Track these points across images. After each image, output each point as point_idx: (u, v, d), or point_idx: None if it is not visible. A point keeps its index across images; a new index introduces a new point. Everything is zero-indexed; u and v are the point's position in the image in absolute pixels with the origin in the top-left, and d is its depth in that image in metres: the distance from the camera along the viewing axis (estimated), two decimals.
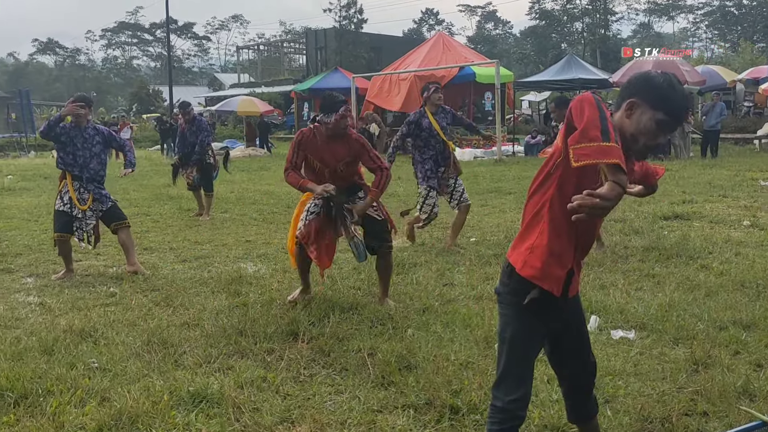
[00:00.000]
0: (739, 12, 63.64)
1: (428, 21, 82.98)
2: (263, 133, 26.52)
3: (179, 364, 3.97)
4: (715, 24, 69.49)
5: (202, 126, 9.95)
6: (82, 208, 6.39)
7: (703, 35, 76.19)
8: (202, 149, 9.86)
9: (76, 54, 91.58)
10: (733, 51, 52.93)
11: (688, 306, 4.84)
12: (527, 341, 2.43)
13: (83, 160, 6.37)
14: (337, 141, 4.93)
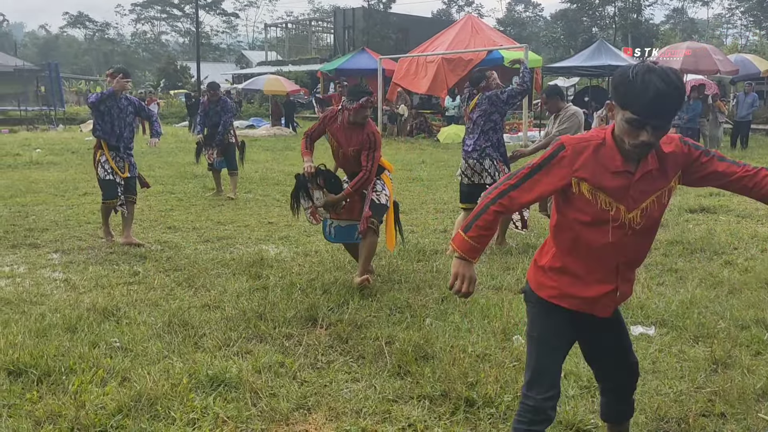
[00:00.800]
0: None
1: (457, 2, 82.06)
2: (289, 113, 26.54)
3: (199, 347, 4.02)
4: (751, 10, 67.73)
5: (227, 107, 10.00)
6: (123, 176, 6.82)
7: (738, 22, 74.40)
8: (225, 130, 9.92)
9: (106, 28, 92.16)
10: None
11: (710, 303, 4.79)
12: (554, 340, 2.43)
13: (120, 130, 6.76)
14: (356, 128, 5.17)
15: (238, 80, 46.31)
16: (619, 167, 2.21)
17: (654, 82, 2.03)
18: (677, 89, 2.05)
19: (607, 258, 2.31)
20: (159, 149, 17.92)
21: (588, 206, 2.25)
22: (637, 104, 2.06)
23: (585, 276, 2.34)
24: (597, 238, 2.28)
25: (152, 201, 9.45)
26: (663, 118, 2.08)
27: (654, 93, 2.02)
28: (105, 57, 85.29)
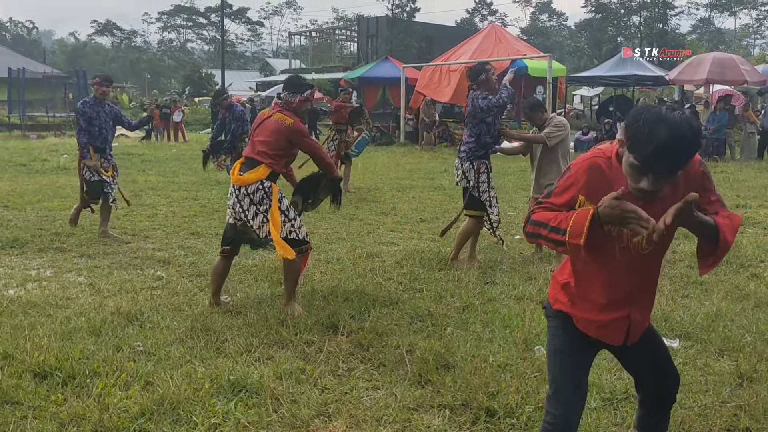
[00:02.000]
0: None
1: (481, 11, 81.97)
2: (312, 120, 26.66)
3: (221, 352, 4.05)
4: None
5: (236, 115, 10.13)
6: (107, 174, 7.44)
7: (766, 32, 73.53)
8: (233, 138, 10.04)
9: (133, 36, 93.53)
10: None
11: (736, 316, 4.72)
12: (576, 353, 2.41)
13: (105, 133, 7.37)
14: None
15: (262, 88, 46.65)
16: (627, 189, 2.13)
17: (661, 134, 1.92)
18: (686, 141, 1.94)
19: (618, 281, 2.29)
20: (183, 154, 18.13)
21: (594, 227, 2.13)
22: (640, 153, 1.98)
23: (597, 298, 2.33)
24: (605, 260, 2.26)
25: (176, 207, 9.54)
26: (665, 170, 2.00)
27: (658, 145, 1.93)
28: (131, 65, 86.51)
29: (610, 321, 2.33)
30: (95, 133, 7.28)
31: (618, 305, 2.32)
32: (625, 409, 3.35)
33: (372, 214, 9.17)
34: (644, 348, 2.49)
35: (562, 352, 2.41)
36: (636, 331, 2.38)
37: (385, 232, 7.81)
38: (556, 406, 2.35)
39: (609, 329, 2.35)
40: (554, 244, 2.17)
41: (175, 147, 21.95)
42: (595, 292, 2.33)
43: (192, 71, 55.70)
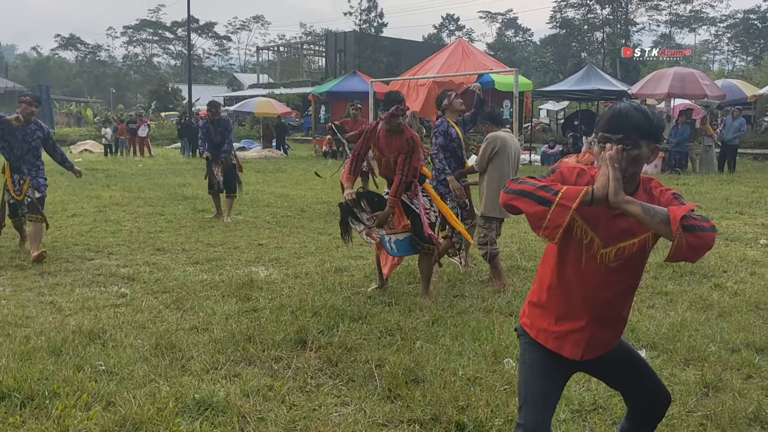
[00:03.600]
0: (763, 25, 62.95)
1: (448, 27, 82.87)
2: (280, 135, 26.61)
3: (186, 370, 3.97)
4: (738, 37, 68.84)
5: (229, 127, 10.05)
6: (17, 198, 7.16)
7: (725, 48, 75.53)
8: (231, 147, 9.95)
9: (97, 50, 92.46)
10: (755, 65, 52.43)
11: (701, 326, 4.78)
12: (545, 368, 2.40)
13: (21, 152, 7.05)
14: (395, 135, 5.43)
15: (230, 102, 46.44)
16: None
17: (620, 105, 2.24)
18: (639, 110, 2.21)
19: (579, 292, 2.30)
20: (149, 170, 17.91)
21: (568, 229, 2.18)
22: (603, 121, 2.25)
23: (555, 310, 2.35)
24: (569, 269, 2.29)
25: (141, 223, 9.39)
26: (624, 133, 2.18)
27: (617, 110, 2.23)
28: (96, 79, 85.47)
29: (566, 332, 2.34)
30: (7, 151, 7.07)
31: (575, 317, 2.32)
32: (593, 421, 3.36)
33: None
34: (623, 366, 2.49)
35: (532, 366, 2.41)
36: (596, 347, 2.36)
37: (354, 246, 7.75)
38: (525, 419, 2.34)
39: (565, 341, 2.35)
40: (536, 203, 2.12)
41: (141, 162, 21.67)
42: (556, 300, 2.35)
43: (159, 86, 55.20)
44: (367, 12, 44.72)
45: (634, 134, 2.18)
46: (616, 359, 2.46)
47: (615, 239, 2.22)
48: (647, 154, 2.21)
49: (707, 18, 68.08)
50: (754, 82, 31.46)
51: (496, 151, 5.92)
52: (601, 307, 2.32)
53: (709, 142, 17.24)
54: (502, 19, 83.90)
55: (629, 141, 2.18)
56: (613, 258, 2.22)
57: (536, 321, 2.40)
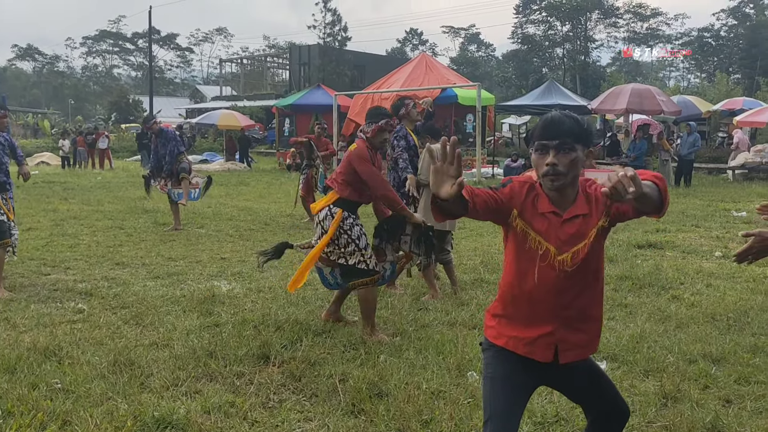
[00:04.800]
0: (717, 43, 64.87)
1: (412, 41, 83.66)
2: (243, 148, 26.43)
3: (145, 387, 3.89)
4: (693, 54, 70.82)
5: (169, 136, 9.91)
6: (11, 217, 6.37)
7: (680, 65, 77.59)
8: (173, 158, 9.80)
9: (55, 61, 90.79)
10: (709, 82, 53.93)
11: (659, 338, 4.87)
12: (510, 380, 2.39)
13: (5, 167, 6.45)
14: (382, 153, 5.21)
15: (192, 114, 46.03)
16: (546, 209, 2.29)
17: (551, 114, 2.33)
18: (570, 117, 2.31)
19: (543, 298, 2.32)
20: (109, 182, 17.60)
21: (522, 243, 2.30)
22: (537, 130, 2.32)
23: (522, 318, 2.36)
24: (530, 279, 2.31)
25: (100, 237, 9.21)
26: (560, 139, 2.25)
27: (549, 118, 2.31)
28: (54, 90, 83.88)
29: (536, 338, 2.35)
30: None
31: (543, 322, 2.34)
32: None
33: (304, 240, 9.06)
34: (586, 380, 2.50)
35: (495, 379, 2.41)
36: (568, 351, 2.37)
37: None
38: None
39: (535, 346, 2.36)
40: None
41: (100, 174, 21.29)
42: (521, 309, 2.36)
43: (119, 97, 54.42)
44: (332, 25, 44.82)
45: (569, 139, 2.26)
46: (579, 373, 2.48)
47: (568, 244, 2.28)
48: (582, 158, 2.31)
49: (663, 36, 69.86)
50: (708, 98, 32.38)
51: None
52: (567, 310, 2.34)
53: (666, 157, 17.64)
54: (464, 34, 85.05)
55: (566, 146, 2.26)
56: (570, 263, 2.27)
57: (504, 330, 2.40)
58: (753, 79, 49.82)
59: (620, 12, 64.83)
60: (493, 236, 9.39)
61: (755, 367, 4.28)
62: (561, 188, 2.28)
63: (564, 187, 2.28)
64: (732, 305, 5.73)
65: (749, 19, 62.09)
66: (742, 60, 59.53)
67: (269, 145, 36.33)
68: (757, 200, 13.81)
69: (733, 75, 56.38)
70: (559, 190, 2.28)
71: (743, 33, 59.72)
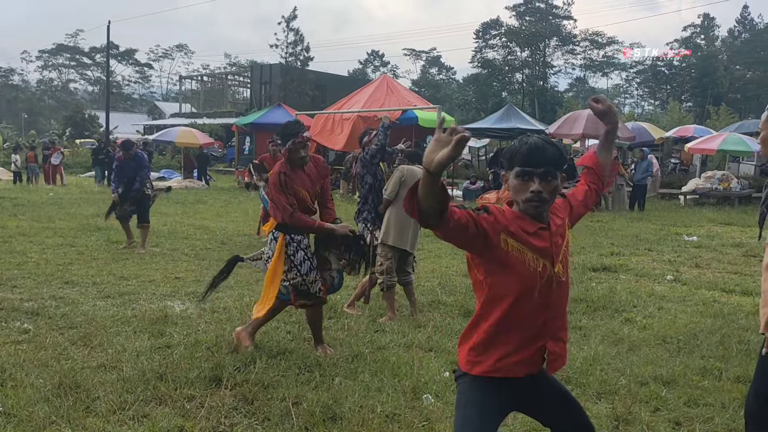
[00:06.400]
0: (669, 72, 66.91)
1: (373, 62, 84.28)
2: (202, 165, 26.12)
3: (91, 411, 3.76)
4: (646, 82, 72.87)
5: (143, 162, 9.71)
6: None
7: (634, 92, 79.74)
8: (141, 185, 9.61)
9: (10, 74, 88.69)
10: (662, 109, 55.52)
11: (612, 360, 4.92)
12: (482, 410, 2.37)
13: None
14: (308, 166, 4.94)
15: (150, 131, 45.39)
16: (535, 227, 2.31)
17: (530, 140, 2.34)
18: (552, 144, 2.35)
19: (535, 317, 2.33)
20: (61, 199, 17.19)
21: (517, 265, 2.27)
22: (520, 157, 2.31)
23: (516, 341, 2.34)
24: (527, 299, 2.30)
25: (49, 254, 8.96)
26: (542, 163, 2.28)
27: (530, 145, 2.31)
28: (8, 103, 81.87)
29: (531, 356, 2.36)
30: None
31: (537, 339, 2.35)
32: None
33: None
34: (557, 400, 2.51)
35: (466, 408, 2.38)
36: (554, 361, 2.39)
37: None
38: None
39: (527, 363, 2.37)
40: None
41: (52, 191, 20.78)
42: (510, 336, 2.33)
43: (74, 112, 53.40)
44: (294, 45, 44.90)
45: (552, 168, 2.30)
46: (550, 394, 2.49)
47: (557, 255, 2.33)
48: (560, 184, 2.36)
49: (619, 64, 71.81)
50: (661, 125, 33.27)
51: (403, 180, 6.03)
52: (556, 321, 2.38)
53: (621, 182, 18.04)
54: (426, 57, 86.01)
55: (550, 174, 2.29)
56: (563, 273, 2.34)
57: (488, 359, 2.35)
58: (704, 108, 51.49)
59: (577, 40, 66.58)
60: (451, 257, 9.43)
61: (704, 390, 4.36)
62: (542, 212, 2.34)
63: (545, 210, 2.35)
64: (682, 328, 5.84)
65: (700, 50, 64.32)
66: (694, 89, 61.54)
67: (228, 163, 36.02)
68: (707, 225, 14.20)
69: (685, 103, 58.17)
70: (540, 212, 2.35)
71: (695, 63, 61.77)
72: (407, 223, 6.02)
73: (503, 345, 2.35)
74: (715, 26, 69.03)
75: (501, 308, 2.33)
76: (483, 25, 65.93)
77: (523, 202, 2.30)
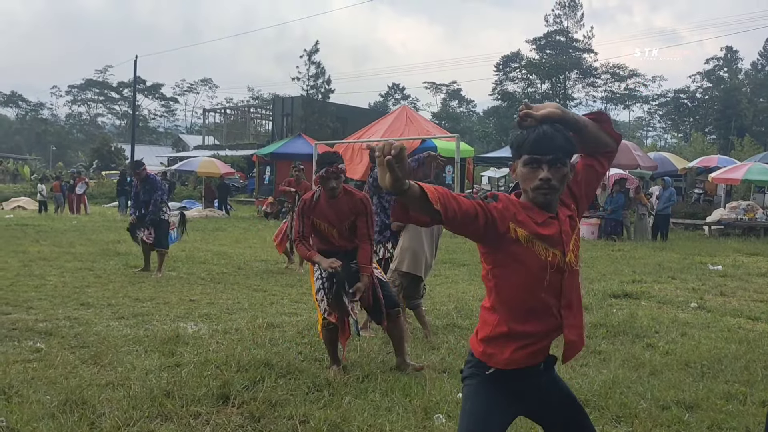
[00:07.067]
0: (692, 104, 66.59)
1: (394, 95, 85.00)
2: (222, 195, 26.31)
3: (95, 427, 3.70)
4: (669, 114, 72.55)
5: (156, 185, 9.79)
6: None
7: (657, 125, 79.38)
8: (156, 208, 9.66)
9: (40, 108, 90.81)
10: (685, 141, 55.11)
11: (632, 384, 4.76)
12: (488, 415, 2.30)
13: None
14: (342, 200, 4.89)
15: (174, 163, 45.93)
16: (544, 216, 2.26)
17: (538, 127, 2.25)
18: (560, 130, 2.26)
19: (548, 307, 2.27)
20: (84, 226, 17.37)
21: (526, 255, 2.22)
22: (529, 144, 2.25)
23: (531, 331, 2.28)
24: (537, 289, 2.24)
25: (68, 277, 8.99)
26: (552, 150, 2.22)
27: (541, 132, 2.24)
28: (37, 137, 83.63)
29: (545, 346, 2.32)
30: None
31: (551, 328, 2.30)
32: None
33: (277, 285, 8.93)
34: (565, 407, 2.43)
35: (471, 413, 2.30)
36: (570, 348, 2.34)
37: (289, 303, 7.59)
38: None
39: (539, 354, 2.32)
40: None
41: (76, 219, 21.02)
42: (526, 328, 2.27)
43: (101, 144, 54.34)
44: (315, 78, 45.37)
45: (561, 154, 2.24)
46: (557, 400, 2.40)
47: (568, 244, 2.27)
48: (570, 172, 2.30)
49: (640, 96, 71.66)
50: (684, 156, 32.96)
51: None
52: (571, 309, 2.32)
53: (643, 211, 17.81)
54: (446, 90, 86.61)
55: (559, 161, 2.23)
56: (575, 261, 2.28)
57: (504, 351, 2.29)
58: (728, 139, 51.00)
59: (598, 72, 66.57)
60: (468, 283, 9.30)
61: (728, 414, 4.18)
62: (552, 200, 2.28)
63: (554, 198, 2.29)
64: (706, 353, 5.65)
65: (723, 82, 63.99)
66: (717, 121, 61.09)
67: (249, 194, 36.25)
68: (732, 255, 13.90)
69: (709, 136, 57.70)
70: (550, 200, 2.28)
71: (717, 95, 61.43)
72: (421, 250, 5.95)
73: (518, 336, 2.28)
74: (738, 59, 68.69)
75: (511, 299, 2.28)
76: (503, 58, 66.35)
77: (532, 191, 2.24)
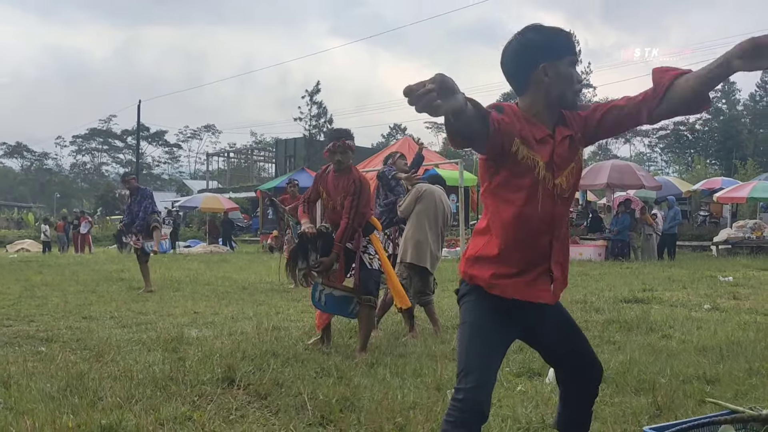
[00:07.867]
0: (693, 136, 66.78)
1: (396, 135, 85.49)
2: (226, 231, 26.25)
3: (97, 406, 3.56)
4: (670, 147, 72.73)
5: (146, 194, 9.95)
6: None
7: (658, 158, 79.54)
8: (146, 215, 9.68)
9: (44, 158, 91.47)
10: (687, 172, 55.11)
11: (650, 364, 4.61)
12: (487, 328, 2.20)
13: None
14: (342, 176, 5.09)
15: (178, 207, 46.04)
16: (543, 133, 2.16)
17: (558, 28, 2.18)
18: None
19: (540, 234, 2.18)
20: (87, 261, 17.28)
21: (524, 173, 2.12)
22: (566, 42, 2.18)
23: (520, 258, 2.18)
24: (530, 211, 2.14)
25: (70, 298, 8.87)
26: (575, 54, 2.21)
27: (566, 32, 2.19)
28: (41, 187, 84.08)
29: (537, 277, 2.20)
30: None
31: (541, 258, 2.20)
32: None
33: (283, 300, 8.79)
34: (561, 329, 2.34)
35: (473, 326, 2.21)
36: (557, 289, 2.24)
37: (295, 313, 7.45)
38: (464, 382, 2.10)
39: (535, 287, 2.20)
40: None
41: (80, 257, 20.95)
42: (521, 248, 2.17)
43: (105, 192, 54.64)
44: (317, 117, 45.77)
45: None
46: (555, 320, 2.29)
47: (561, 168, 2.18)
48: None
49: (641, 130, 71.94)
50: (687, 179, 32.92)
51: (420, 197, 5.97)
52: (560, 243, 2.23)
53: (650, 231, 17.69)
54: None
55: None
56: (566, 187, 2.18)
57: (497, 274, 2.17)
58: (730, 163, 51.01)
59: None
60: None
61: (752, 386, 4.04)
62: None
63: None
64: (724, 339, 5.50)
65: (722, 114, 64.32)
66: (718, 152, 61.17)
67: (254, 233, 36.19)
68: (742, 270, 13.71)
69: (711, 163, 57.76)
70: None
71: (717, 126, 61.69)
72: (425, 241, 5.87)
73: (511, 264, 2.18)
74: (736, 90, 69.13)
75: (506, 219, 2.17)
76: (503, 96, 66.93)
77: (573, 94, 2.19)
